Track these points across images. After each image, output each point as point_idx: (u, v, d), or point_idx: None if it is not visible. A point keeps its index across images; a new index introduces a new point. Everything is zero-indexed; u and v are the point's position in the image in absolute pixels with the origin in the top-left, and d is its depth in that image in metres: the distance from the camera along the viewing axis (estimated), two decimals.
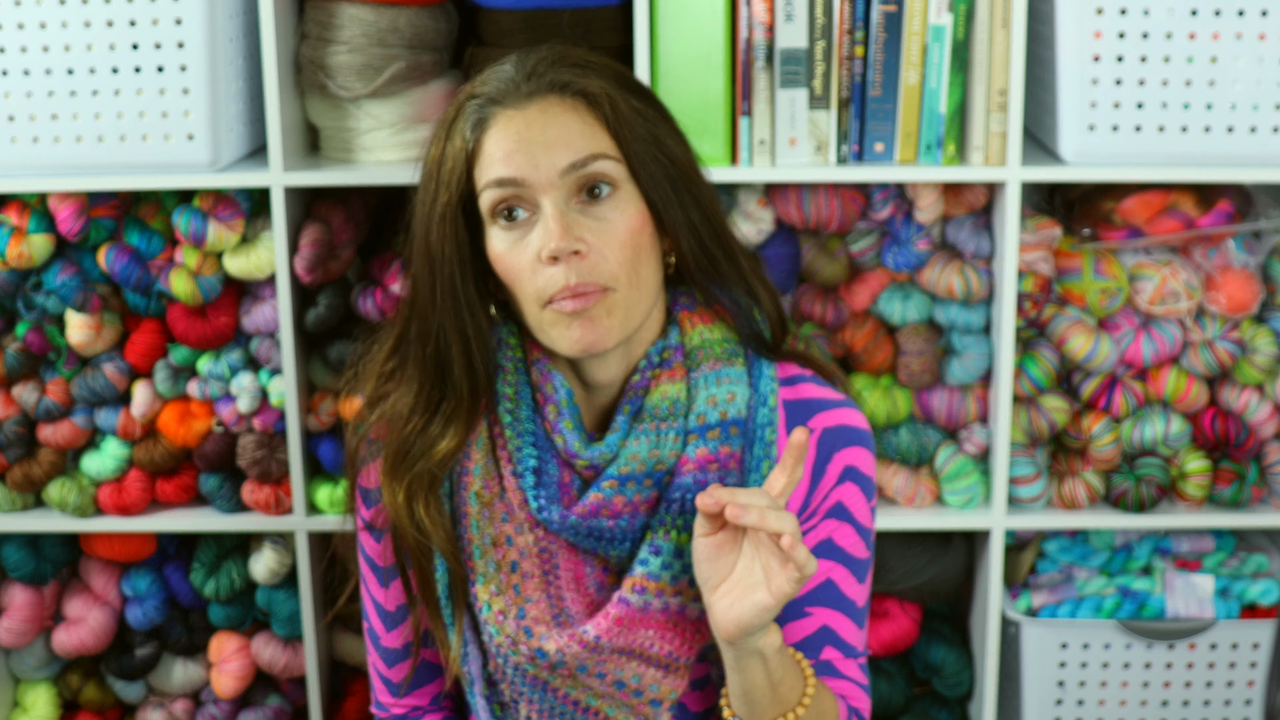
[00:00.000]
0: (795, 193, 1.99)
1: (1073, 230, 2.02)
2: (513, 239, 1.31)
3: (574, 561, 1.38)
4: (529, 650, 1.34)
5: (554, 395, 1.37)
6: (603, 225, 1.30)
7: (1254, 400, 2.02)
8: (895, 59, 1.92)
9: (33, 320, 2.02)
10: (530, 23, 1.95)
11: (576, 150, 1.29)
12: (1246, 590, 2.09)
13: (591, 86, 1.32)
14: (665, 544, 1.34)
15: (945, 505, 2.09)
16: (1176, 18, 1.85)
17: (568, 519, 1.34)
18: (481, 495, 1.37)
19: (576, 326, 1.30)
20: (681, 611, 1.34)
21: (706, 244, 1.36)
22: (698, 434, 1.35)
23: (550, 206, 1.29)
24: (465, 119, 1.33)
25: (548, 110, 1.31)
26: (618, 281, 1.30)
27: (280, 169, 1.94)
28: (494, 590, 1.36)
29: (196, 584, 2.14)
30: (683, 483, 1.34)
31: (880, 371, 2.06)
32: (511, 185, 1.30)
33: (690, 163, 1.37)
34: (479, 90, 1.34)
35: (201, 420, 2.05)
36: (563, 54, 1.35)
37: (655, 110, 1.36)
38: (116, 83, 1.88)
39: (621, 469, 1.34)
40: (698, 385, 1.37)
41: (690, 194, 1.35)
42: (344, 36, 1.96)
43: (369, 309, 2.00)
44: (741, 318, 1.42)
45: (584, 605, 1.37)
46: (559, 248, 1.27)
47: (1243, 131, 1.89)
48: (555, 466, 1.37)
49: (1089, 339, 2.00)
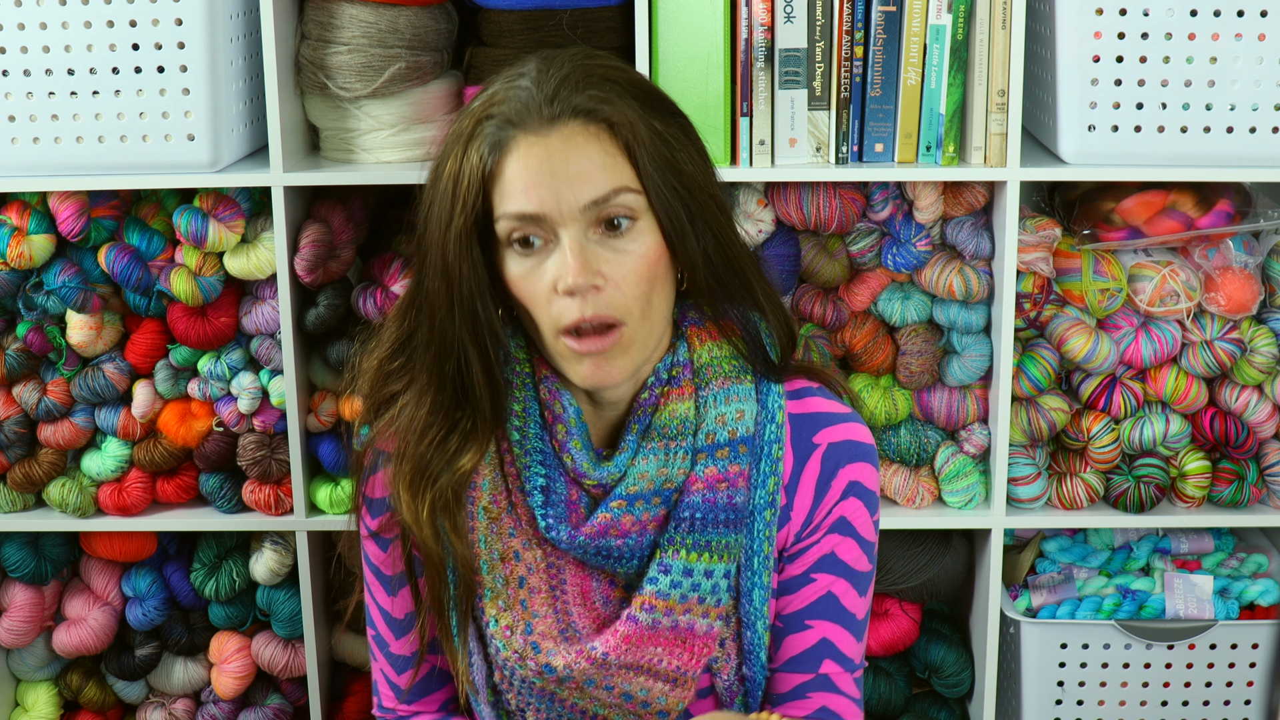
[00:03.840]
0: (795, 193, 1.99)
1: (1072, 230, 2.02)
2: (529, 265, 1.29)
3: (581, 577, 1.37)
4: (536, 665, 1.35)
5: (563, 414, 1.36)
6: (620, 258, 1.28)
7: (1253, 400, 2.02)
8: (895, 59, 1.92)
9: (33, 320, 2.02)
10: (530, 23, 1.95)
11: (599, 186, 1.26)
12: (1246, 590, 2.09)
13: (615, 115, 1.27)
14: (674, 563, 1.34)
15: (945, 505, 2.09)
16: (1176, 18, 1.85)
17: (576, 538, 1.34)
18: (490, 510, 1.36)
19: (589, 363, 1.29)
20: (690, 628, 1.34)
21: (719, 271, 1.34)
22: (706, 453, 1.35)
23: (569, 240, 1.27)
24: (483, 138, 1.28)
25: (570, 140, 1.26)
26: (630, 315, 1.29)
27: (280, 169, 1.94)
28: (501, 605, 1.36)
29: (197, 584, 2.14)
30: (692, 501, 1.34)
31: (880, 371, 2.06)
32: (532, 220, 1.27)
33: (708, 184, 1.33)
34: (496, 109, 1.29)
35: (202, 420, 2.05)
36: (586, 71, 1.29)
37: (678, 128, 1.33)
38: (117, 83, 1.88)
39: (630, 488, 1.34)
40: (706, 403, 1.36)
41: (705, 222, 1.32)
42: (344, 37, 1.96)
43: (369, 309, 2.00)
44: (750, 333, 1.41)
45: (591, 621, 1.37)
46: (577, 284, 1.26)
47: (1242, 131, 1.89)
48: (563, 485, 1.36)
49: (1088, 339, 2.00)
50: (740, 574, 1.37)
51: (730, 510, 1.35)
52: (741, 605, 1.37)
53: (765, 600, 1.38)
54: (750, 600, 1.37)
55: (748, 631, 1.38)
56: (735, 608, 1.38)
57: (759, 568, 1.37)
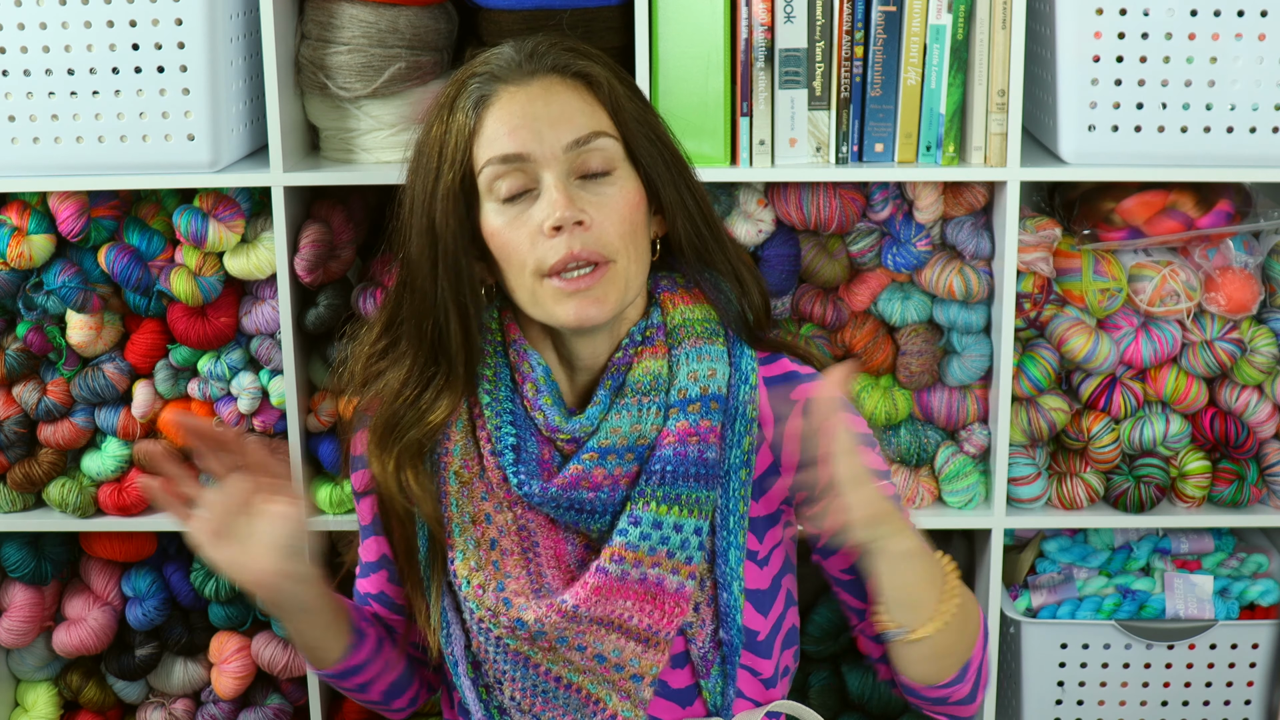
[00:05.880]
0: (795, 193, 1.99)
1: (1072, 230, 2.02)
2: (512, 214, 1.35)
3: (554, 539, 1.40)
4: (509, 621, 1.36)
5: (531, 374, 1.40)
6: (602, 200, 1.34)
7: (1253, 400, 2.02)
8: (895, 59, 1.92)
9: (33, 320, 2.02)
10: (530, 23, 1.95)
11: (579, 127, 1.34)
12: (1246, 590, 2.09)
13: (592, 70, 1.37)
14: (645, 514, 1.36)
15: (945, 505, 2.09)
16: (1176, 18, 1.85)
17: (548, 491, 1.37)
18: (461, 474, 1.40)
19: (576, 299, 1.33)
20: (660, 583, 1.36)
21: (699, 225, 1.41)
22: (678, 407, 1.38)
23: (553, 179, 1.33)
24: (467, 96, 1.36)
25: (550, 88, 1.35)
26: (618, 253, 1.34)
27: (280, 169, 1.94)
28: (473, 566, 1.38)
29: (196, 584, 2.14)
30: (663, 455, 1.37)
31: (880, 371, 2.06)
32: (515, 160, 1.33)
33: (677, 150, 1.42)
34: (479, 69, 1.37)
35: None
36: (559, 39, 1.41)
37: (644, 101, 1.42)
38: (117, 83, 1.88)
39: (602, 441, 1.37)
40: (679, 361, 1.40)
41: (682, 176, 1.40)
42: (344, 37, 1.96)
43: (369, 309, 2.00)
44: (721, 300, 1.45)
45: (564, 580, 1.39)
46: (563, 216, 1.31)
47: (1243, 131, 1.89)
48: (535, 444, 1.39)
49: (1088, 339, 2.00)
50: (715, 534, 1.39)
51: (701, 465, 1.36)
52: (717, 566, 1.39)
53: (740, 561, 1.39)
54: (726, 560, 1.39)
55: (723, 593, 1.39)
56: (711, 570, 1.39)
57: (734, 527, 1.39)
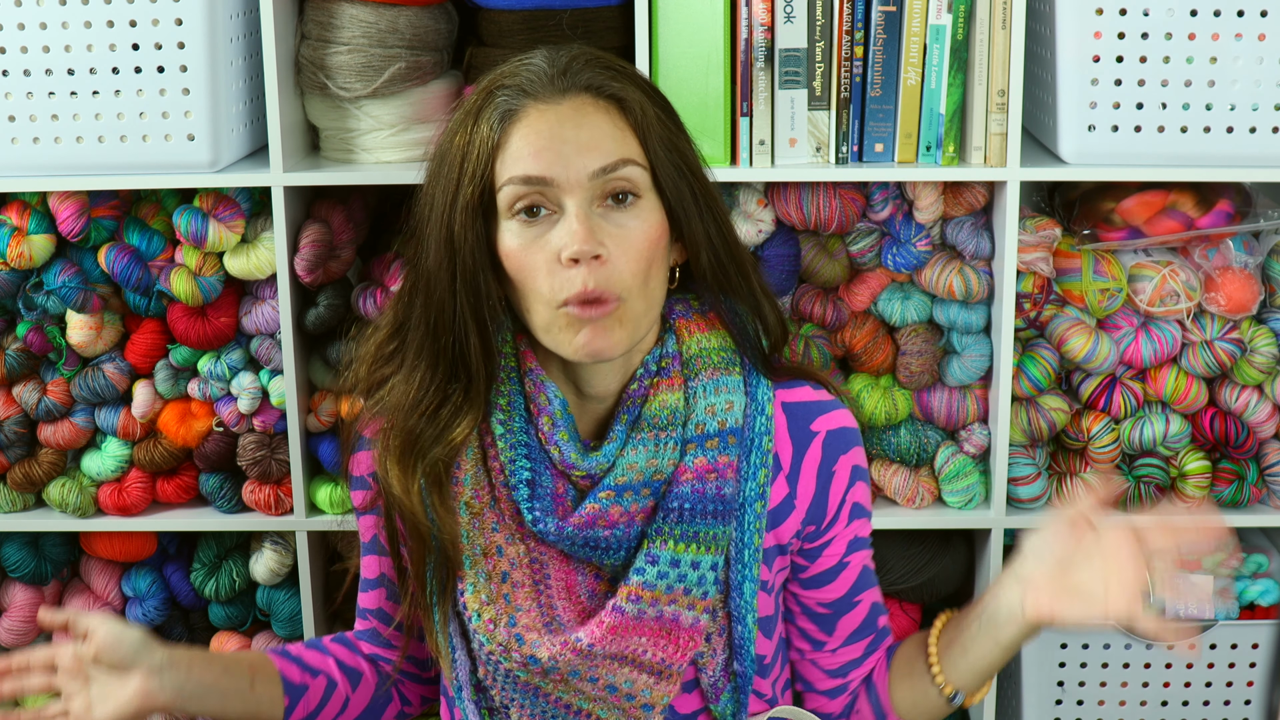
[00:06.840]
0: (795, 193, 1.99)
1: (1072, 230, 2.02)
2: (530, 236, 1.30)
3: (565, 571, 1.37)
4: (521, 657, 1.34)
5: (548, 406, 1.36)
6: (623, 232, 1.29)
7: (1253, 400, 2.02)
8: (895, 59, 1.92)
9: (33, 320, 2.02)
10: (530, 23, 1.95)
11: (607, 154, 1.29)
12: (1246, 590, 2.09)
13: (624, 93, 1.31)
14: (663, 553, 1.34)
15: (945, 505, 2.09)
16: (1176, 18, 1.85)
17: (564, 530, 1.34)
18: (471, 505, 1.37)
19: (586, 331, 1.29)
20: (675, 619, 1.34)
21: (721, 257, 1.36)
22: (696, 443, 1.35)
23: (575, 207, 1.28)
24: (494, 108, 1.31)
25: (581, 109, 1.30)
26: (629, 292, 1.29)
27: (280, 169, 1.94)
28: (484, 599, 1.36)
29: (197, 584, 2.14)
30: (681, 492, 1.34)
31: (880, 371, 2.06)
32: (538, 184, 1.28)
33: (705, 176, 1.37)
34: (508, 81, 1.32)
35: (202, 420, 2.05)
36: (594, 55, 1.34)
37: (676, 122, 1.36)
38: (117, 83, 1.88)
39: (619, 479, 1.34)
40: (696, 394, 1.37)
41: (708, 207, 1.35)
42: (344, 37, 1.96)
43: (369, 309, 2.00)
44: (737, 327, 1.42)
45: (576, 613, 1.37)
46: (581, 250, 1.26)
47: (1243, 131, 1.89)
48: (549, 478, 1.36)
49: (1088, 339, 2.00)
50: (730, 567, 1.37)
51: (719, 501, 1.35)
52: (731, 599, 1.37)
53: (755, 593, 1.38)
54: (740, 594, 1.37)
55: (738, 626, 1.38)
56: (724, 601, 1.38)
57: (749, 560, 1.37)
